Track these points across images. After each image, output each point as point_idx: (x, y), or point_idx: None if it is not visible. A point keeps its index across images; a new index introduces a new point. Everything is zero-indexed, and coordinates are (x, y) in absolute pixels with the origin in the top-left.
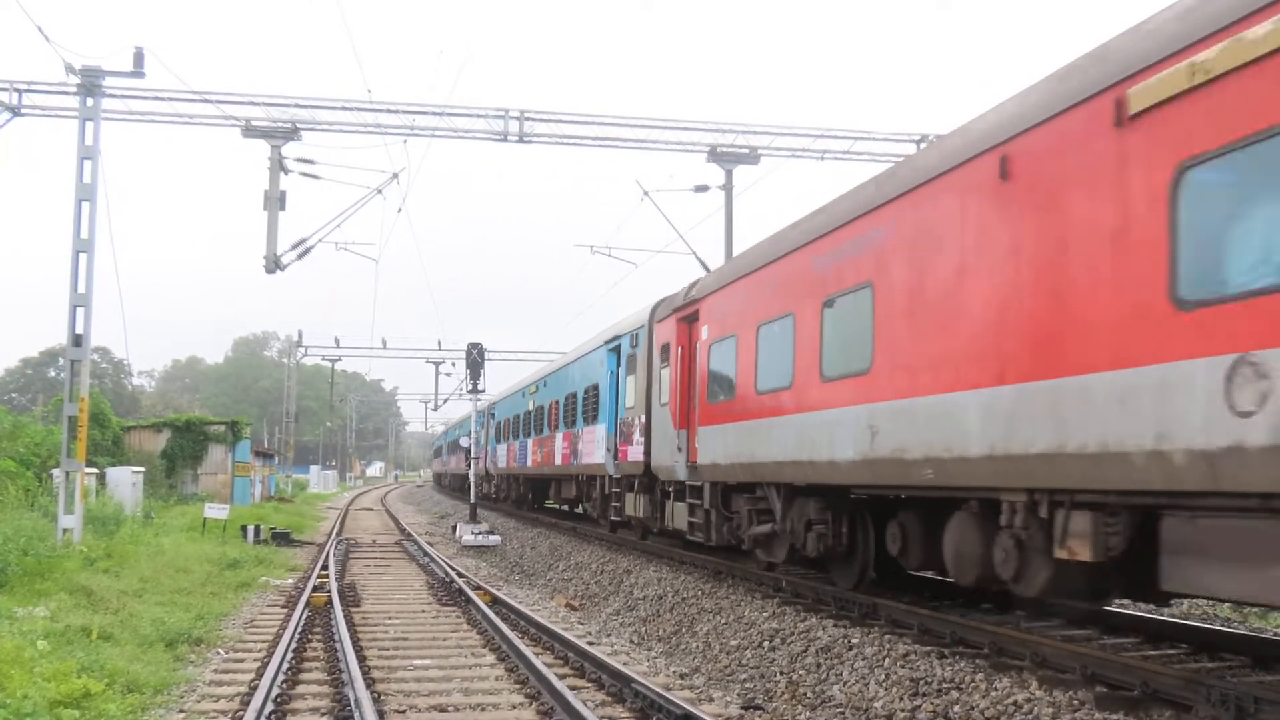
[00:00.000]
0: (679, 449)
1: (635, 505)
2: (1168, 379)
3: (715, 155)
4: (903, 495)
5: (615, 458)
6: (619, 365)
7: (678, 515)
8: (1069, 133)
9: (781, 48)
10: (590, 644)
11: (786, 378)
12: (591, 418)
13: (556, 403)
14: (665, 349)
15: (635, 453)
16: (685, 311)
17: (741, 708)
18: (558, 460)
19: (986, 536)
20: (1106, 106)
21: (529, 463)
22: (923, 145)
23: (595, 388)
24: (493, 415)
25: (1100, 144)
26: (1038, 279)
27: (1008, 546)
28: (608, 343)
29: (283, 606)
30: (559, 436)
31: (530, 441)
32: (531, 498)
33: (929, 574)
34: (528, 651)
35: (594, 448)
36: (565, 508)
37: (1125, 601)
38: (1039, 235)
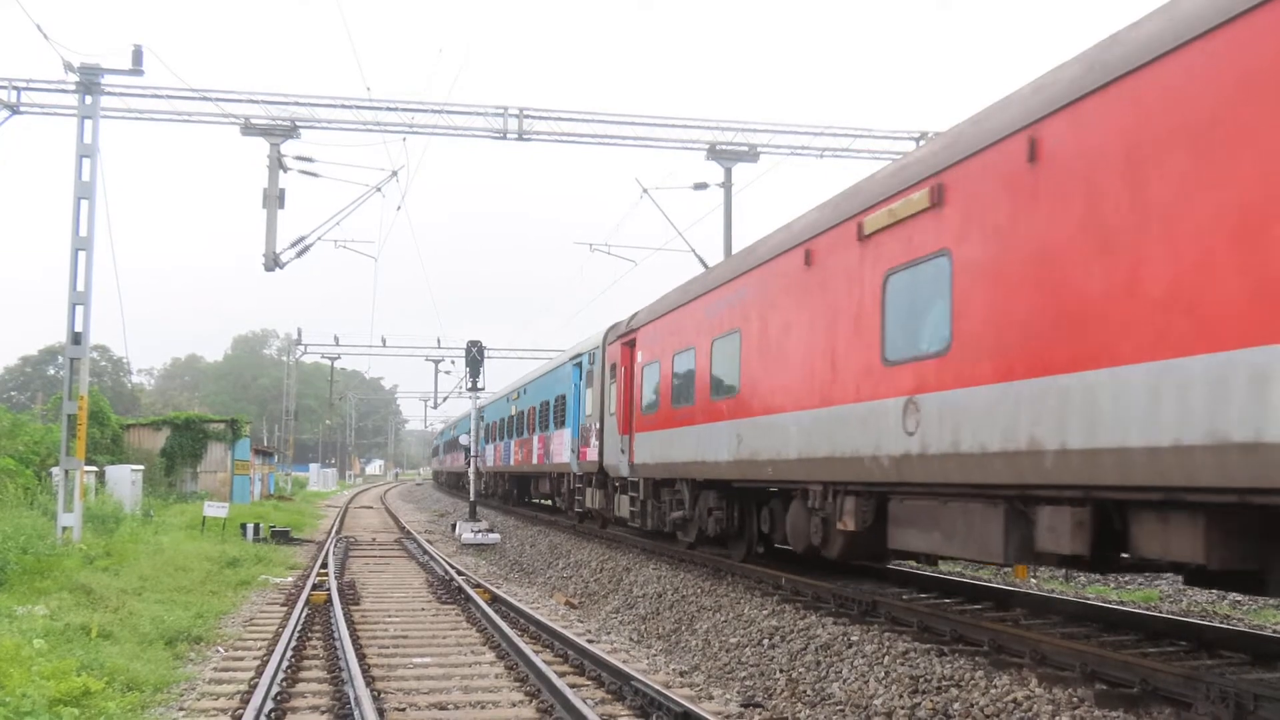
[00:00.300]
0: (622, 451)
1: (593, 498)
2: (878, 410)
3: (714, 153)
4: (770, 488)
5: (577, 458)
6: (581, 379)
7: (622, 506)
8: (838, 240)
9: (781, 46)
10: (590, 642)
11: (691, 396)
12: (560, 423)
13: (534, 409)
14: (613, 367)
15: (592, 454)
16: (626, 338)
17: (741, 705)
18: (534, 460)
19: (807, 515)
20: (854, 227)
21: (512, 462)
22: (921, 142)
23: (563, 397)
24: (482, 418)
25: (851, 251)
26: (823, 338)
27: (816, 522)
28: (573, 359)
29: (282, 605)
30: (535, 439)
31: (513, 443)
32: (516, 494)
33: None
34: (527, 649)
35: (562, 449)
36: (545, 501)
37: (1125, 600)
38: (824, 308)
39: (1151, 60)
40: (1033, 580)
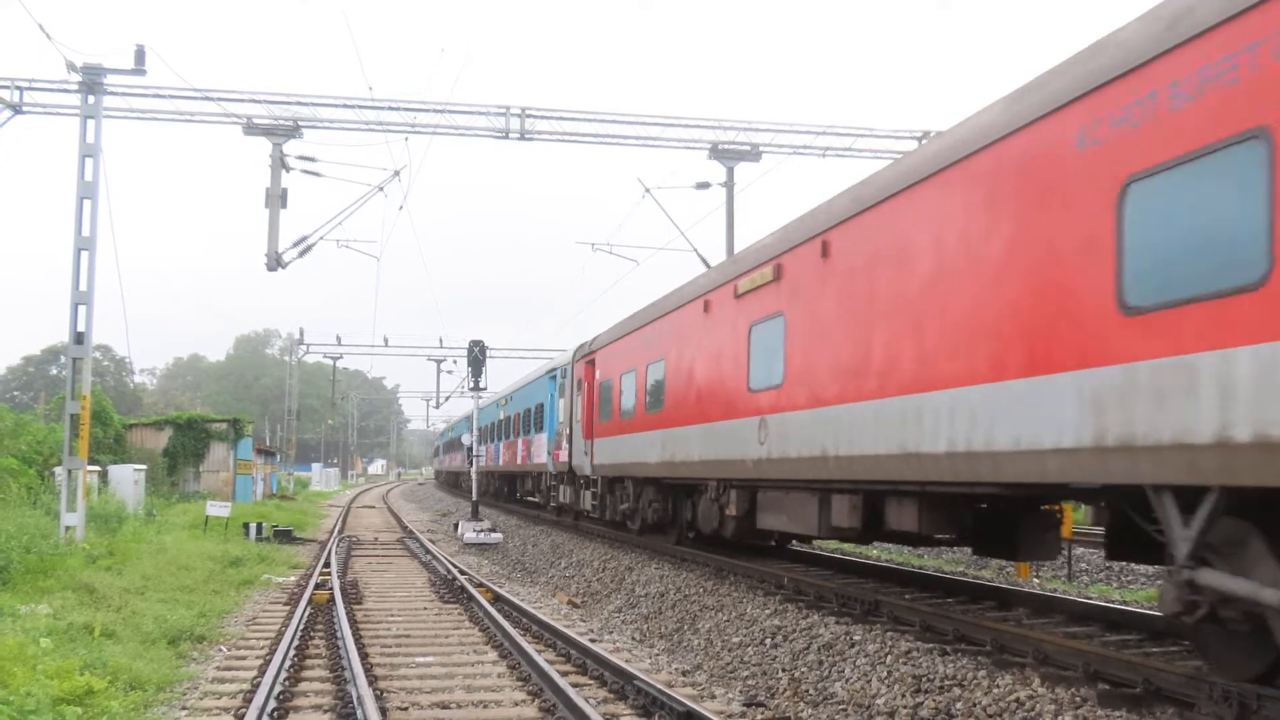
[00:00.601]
0: (585, 453)
1: (565, 494)
2: (746, 425)
3: (717, 152)
4: (687, 484)
5: (552, 459)
6: (555, 390)
7: (585, 500)
8: (724, 296)
9: (783, 45)
10: (592, 641)
11: (634, 409)
12: (539, 428)
13: (518, 415)
14: (579, 382)
15: (563, 456)
16: (588, 357)
17: (744, 704)
18: (519, 460)
19: (710, 505)
20: (733, 287)
21: (501, 462)
22: (923, 141)
23: (541, 406)
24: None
25: (731, 306)
26: (714, 368)
27: (715, 510)
28: (548, 373)
29: (285, 604)
30: (520, 442)
31: (502, 444)
32: (506, 491)
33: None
34: (530, 649)
35: (540, 451)
36: (530, 499)
37: (1128, 600)
38: (714, 346)
39: (874, 204)
40: (1035, 580)
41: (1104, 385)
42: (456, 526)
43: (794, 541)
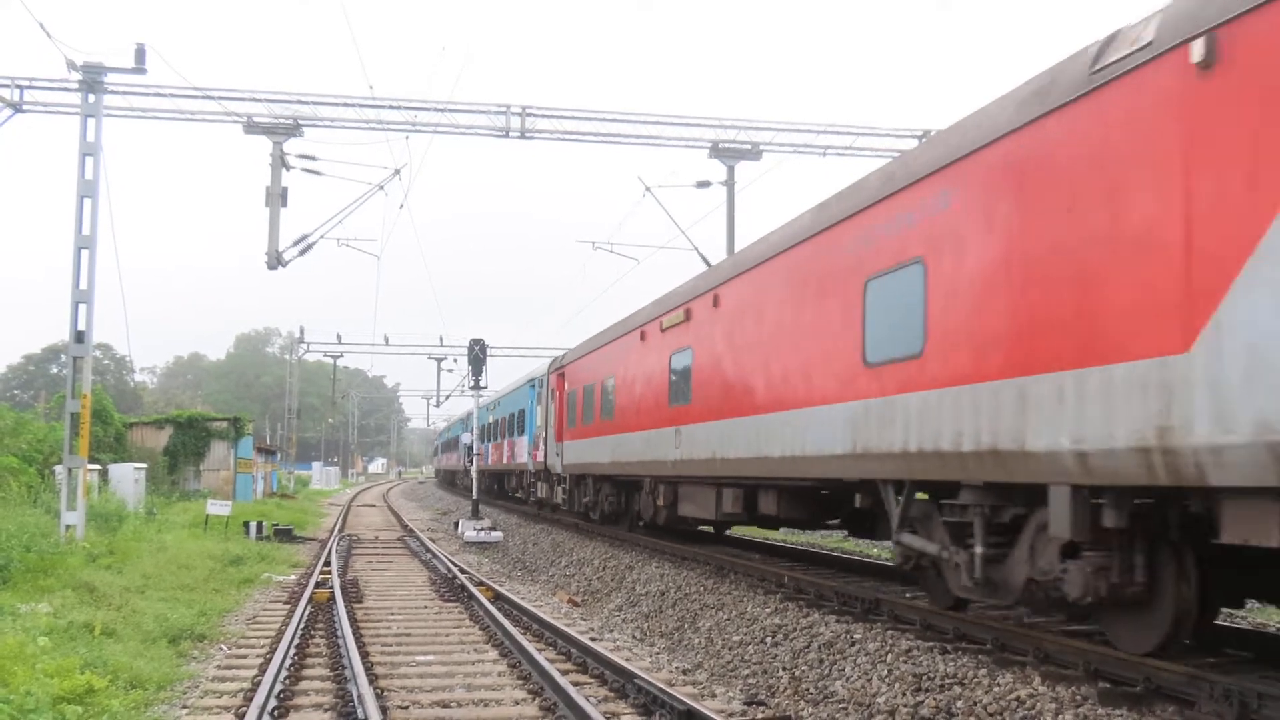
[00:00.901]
0: (558, 454)
1: (541, 490)
2: (667, 433)
3: (717, 151)
4: (633, 480)
5: (532, 459)
6: (534, 397)
7: (557, 494)
8: (653, 329)
9: (783, 44)
10: (593, 640)
11: (592, 417)
12: (521, 431)
13: (504, 419)
14: (553, 391)
15: (540, 456)
16: (558, 370)
17: (744, 703)
18: (505, 460)
19: (647, 498)
20: (659, 323)
21: (490, 461)
22: (923, 140)
23: (523, 411)
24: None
25: (658, 337)
26: (646, 387)
27: (649, 501)
28: (528, 381)
29: (285, 603)
30: (506, 443)
31: (491, 445)
32: (496, 488)
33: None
34: (530, 647)
35: (522, 452)
36: (514, 494)
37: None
38: (645, 368)
39: (742, 272)
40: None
41: (856, 413)
42: (457, 525)
43: (705, 527)
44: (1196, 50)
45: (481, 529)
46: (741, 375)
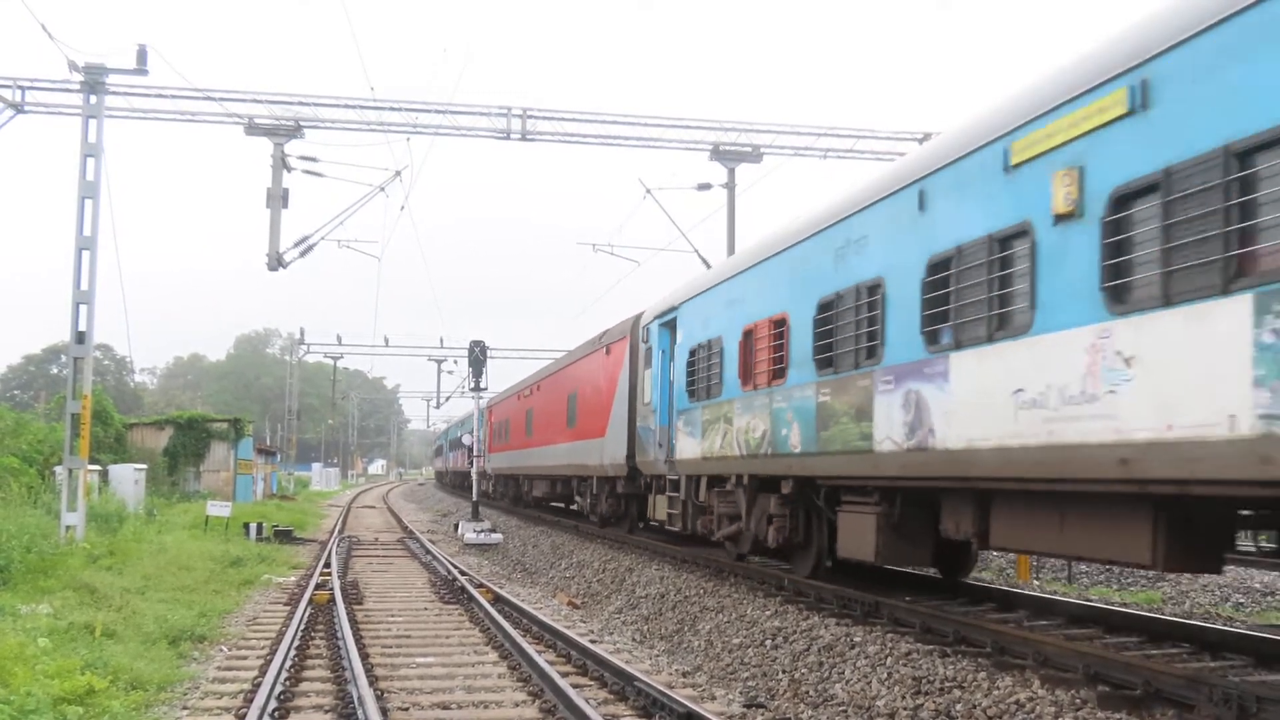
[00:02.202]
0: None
1: (486, 487)
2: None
3: (718, 153)
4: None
5: (476, 465)
6: (480, 419)
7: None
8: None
9: (784, 46)
10: (593, 642)
11: (506, 437)
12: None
13: (468, 434)
14: (484, 418)
15: (483, 464)
16: (489, 407)
17: (744, 706)
18: (465, 466)
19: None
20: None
21: (460, 465)
22: (924, 142)
23: (472, 430)
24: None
25: (522, 400)
26: (521, 421)
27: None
28: (480, 409)
29: (285, 604)
30: (461, 453)
31: (456, 454)
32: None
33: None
34: (530, 649)
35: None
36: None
37: (1128, 602)
38: (523, 412)
39: (532, 384)
40: (1035, 582)
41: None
42: (457, 527)
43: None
44: (610, 344)
45: (481, 531)
46: (554, 420)
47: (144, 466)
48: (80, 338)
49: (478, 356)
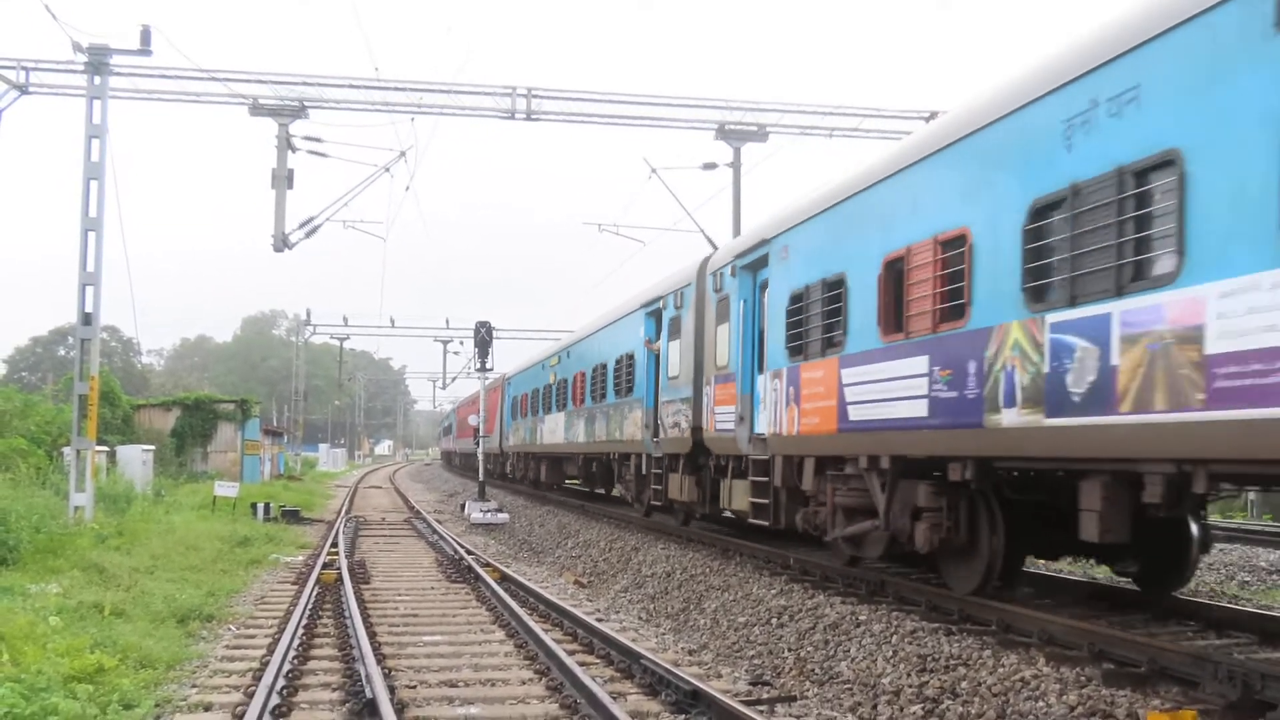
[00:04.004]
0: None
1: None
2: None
3: (723, 133)
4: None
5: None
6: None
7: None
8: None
9: (791, 25)
10: (599, 620)
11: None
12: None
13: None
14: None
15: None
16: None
17: (750, 684)
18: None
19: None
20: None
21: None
22: (929, 121)
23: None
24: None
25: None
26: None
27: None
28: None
29: (293, 583)
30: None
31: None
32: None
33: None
34: (537, 628)
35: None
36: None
37: (1131, 581)
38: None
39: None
40: (1040, 561)
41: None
42: (463, 507)
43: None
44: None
45: (488, 511)
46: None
47: (151, 447)
48: (87, 319)
49: (483, 337)
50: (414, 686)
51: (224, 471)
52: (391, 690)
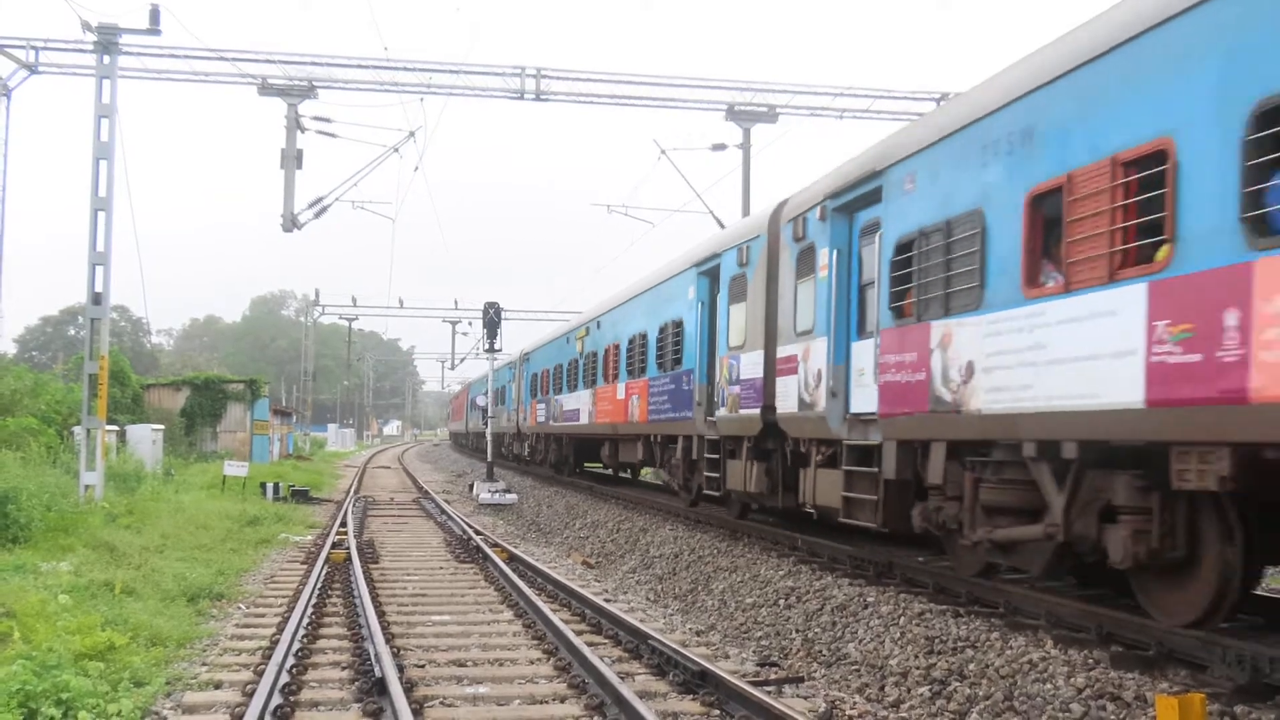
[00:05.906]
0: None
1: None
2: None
3: (733, 114)
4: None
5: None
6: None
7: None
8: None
9: (801, 5)
10: (607, 601)
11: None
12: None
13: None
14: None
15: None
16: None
17: (758, 665)
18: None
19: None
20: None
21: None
22: (940, 103)
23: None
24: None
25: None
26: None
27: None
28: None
29: (302, 563)
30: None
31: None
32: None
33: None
34: (545, 608)
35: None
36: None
37: None
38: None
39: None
40: None
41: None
42: (471, 487)
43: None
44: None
45: (496, 491)
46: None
47: (161, 427)
48: (97, 299)
49: (492, 318)
50: (423, 666)
51: (233, 451)
52: (400, 669)
